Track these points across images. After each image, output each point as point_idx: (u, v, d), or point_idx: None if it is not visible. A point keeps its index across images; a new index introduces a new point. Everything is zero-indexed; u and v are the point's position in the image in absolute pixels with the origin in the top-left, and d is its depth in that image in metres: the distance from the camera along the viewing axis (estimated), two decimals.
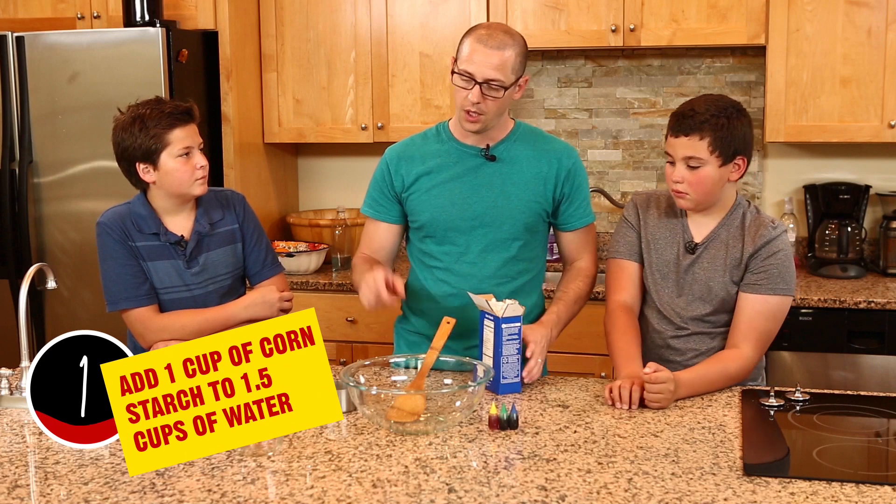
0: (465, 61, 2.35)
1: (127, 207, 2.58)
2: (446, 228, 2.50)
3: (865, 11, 3.58)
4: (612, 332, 2.41)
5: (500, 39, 2.35)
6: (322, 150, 4.44)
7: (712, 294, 2.38)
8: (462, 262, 2.51)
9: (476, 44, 2.34)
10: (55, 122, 3.76)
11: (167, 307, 2.58)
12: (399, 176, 2.52)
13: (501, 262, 2.51)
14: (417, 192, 2.51)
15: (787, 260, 2.36)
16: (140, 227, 2.54)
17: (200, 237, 2.58)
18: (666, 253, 2.44)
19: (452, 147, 2.51)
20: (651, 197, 2.52)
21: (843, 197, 3.82)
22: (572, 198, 2.53)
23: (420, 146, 2.55)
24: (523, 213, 2.49)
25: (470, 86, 2.35)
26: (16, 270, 3.80)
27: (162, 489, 1.78)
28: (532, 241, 2.55)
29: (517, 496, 1.73)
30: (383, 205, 2.56)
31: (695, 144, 2.29)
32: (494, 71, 2.33)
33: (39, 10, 4.04)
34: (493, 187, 2.48)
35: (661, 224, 2.46)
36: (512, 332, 2.28)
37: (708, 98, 2.35)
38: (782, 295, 2.35)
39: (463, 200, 2.48)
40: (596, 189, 4.14)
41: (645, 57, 4.11)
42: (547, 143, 2.54)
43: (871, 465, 1.94)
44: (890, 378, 3.37)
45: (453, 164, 2.50)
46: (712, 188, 2.33)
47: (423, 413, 2.09)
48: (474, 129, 2.42)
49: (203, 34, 3.87)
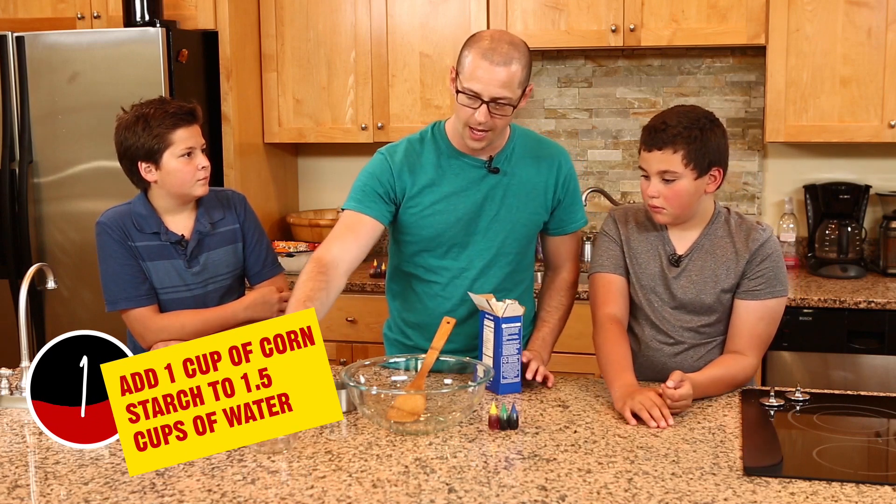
0: (470, 79, 2.23)
1: (127, 207, 2.58)
2: (449, 245, 2.44)
3: (865, 11, 3.58)
4: (604, 344, 2.34)
5: (505, 53, 2.23)
6: (322, 150, 4.44)
7: (704, 305, 2.36)
8: (464, 277, 2.46)
9: (480, 60, 2.22)
10: (55, 122, 3.76)
11: (167, 307, 2.58)
12: (402, 181, 2.40)
13: (503, 277, 2.47)
14: (419, 207, 2.41)
15: (779, 261, 2.34)
16: (140, 226, 2.54)
17: (201, 237, 2.58)
18: (650, 266, 2.40)
19: (453, 157, 2.42)
20: (629, 211, 2.47)
21: (843, 197, 3.82)
22: (566, 202, 2.51)
23: (419, 153, 2.42)
24: (525, 225, 2.46)
25: (476, 105, 2.24)
26: (16, 270, 3.80)
27: (162, 489, 1.78)
28: (528, 250, 2.54)
29: (517, 496, 1.73)
30: (375, 202, 2.38)
31: (668, 158, 2.25)
32: (502, 89, 2.23)
33: (39, 10, 4.05)
34: (496, 200, 2.42)
35: (642, 238, 2.42)
36: (512, 332, 2.27)
37: (680, 110, 2.30)
38: (780, 296, 2.34)
39: (467, 215, 2.41)
40: (596, 189, 4.14)
41: (645, 57, 4.11)
42: (543, 149, 2.49)
43: (871, 465, 1.94)
44: (890, 378, 3.37)
45: (455, 176, 2.41)
46: (689, 201, 2.29)
47: (423, 413, 2.09)
48: (480, 146, 2.34)
49: (203, 34, 3.87)
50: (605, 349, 2.32)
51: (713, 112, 2.34)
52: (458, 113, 2.32)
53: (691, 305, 2.37)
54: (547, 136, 2.59)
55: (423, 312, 2.52)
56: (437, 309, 2.47)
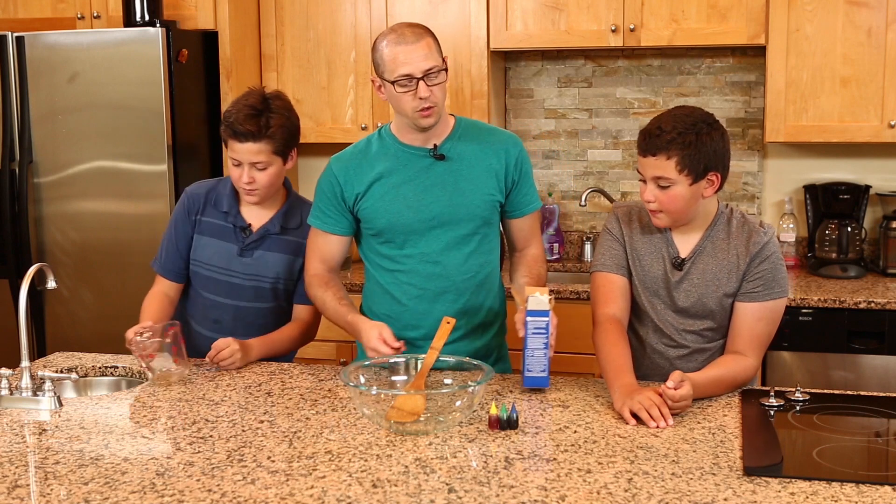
0: (396, 67, 2.34)
1: (216, 182, 2.73)
2: (405, 232, 2.49)
3: (865, 11, 3.58)
4: (603, 344, 2.33)
5: (413, 32, 2.36)
6: (322, 150, 4.43)
7: (707, 309, 2.35)
8: (425, 262, 2.50)
9: (395, 47, 2.34)
10: (55, 122, 3.76)
11: (202, 282, 2.69)
12: (350, 186, 2.49)
13: (463, 259, 2.51)
14: (371, 200, 2.48)
15: (779, 262, 2.33)
16: (217, 202, 2.67)
17: (266, 234, 2.65)
18: (653, 269, 2.39)
19: (399, 150, 2.49)
20: (632, 209, 2.46)
21: (843, 197, 3.82)
22: (521, 184, 2.55)
23: (365, 153, 2.52)
24: (479, 207, 2.50)
25: (413, 86, 2.34)
26: (16, 270, 3.80)
27: (162, 489, 1.78)
28: (490, 233, 2.57)
29: (517, 496, 1.73)
30: (333, 217, 2.53)
31: (662, 164, 2.23)
32: (426, 60, 2.34)
33: (39, 10, 4.05)
34: (446, 186, 2.47)
35: (645, 239, 2.41)
36: (539, 326, 2.26)
37: (676, 114, 2.27)
38: (778, 298, 2.33)
39: (418, 202, 2.47)
40: (596, 189, 4.15)
41: (645, 57, 4.11)
42: (491, 136, 2.55)
43: (871, 465, 1.94)
44: (890, 378, 3.37)
45: (402, 167, 2.48)
46: (685, 206, 2.28)
47: (423, 413, 2.09)
48: (433, 122, 2.41)
49: (203, 34, 3.87)
50: (605, 350, 2.32)
51: (713, 114, 2.32)
52: (400, 107, 2.41)
53: (694, 310, 2.36)
54: (547, 137, 2.61)
55: (392, 302, 2.56)
56: (402, 297, 2.53)
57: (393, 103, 2.42)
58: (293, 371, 2.55)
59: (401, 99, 2.37)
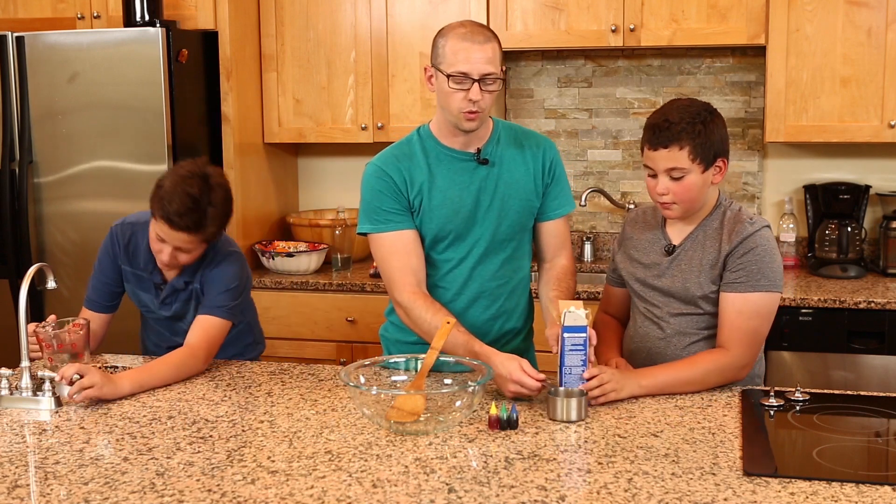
0: (456, 63, 2.30)
1: (138, 227, 2.68)
2: (452, 237, 2.46)
3: (865, 11, 3.58)
4: (595, 325, 2.50)
5: (483, 34, 2.33)
6: (322, 150, 4.44)
7: (691, 296, 2.37)
8: (462, 267, 2.48)
9: (462, 42, 2.31)
10: (55, 122, 3.76)
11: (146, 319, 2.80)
12: (405, 186, 2.42)
13: (499, 264, 2.50)
14: (422, 203, 2.43)
15: (766, 255, 2.31)
16: (134, 255, 2.68)
17: (175, 290, 2.67)
18: (647, 258, 2.46)
19: (442, 153, 2.45)
20: (639, 212, 2.56)
21: (842, 197, 3.82)
22: (553, 186, 2.53)
23: (410, 155, 2.45)
24: (519, 213, 2.49)
25: (467, 85, 2.31)
26: (16, 270, 3.80)
27: (162, 489, 1.78)
28: (525, 238, 2.56)
29: (517, 496, 1.73)
30: (401, 213, 2.42)
31: (675, 155, 2.27)
32: (488, 65, 2.31)
33: (39, 10, 4.05)
34: (488, 191, 2.46)
35: (645, 230, 2.50)
36: (576, 343, 2.17)
37: (679, 105, 2.32)
38: (764, 291, 2.31)
39: (465, 207, 2.44)
40: (596, 189, 4.15)
41: (645, 57, 4.11)
42: (528, 139, 2.54)
43: (871, 465, 1.94)
44: (890, 378, 3.37)
45: (448, 172, 2.45)
46: (698, 195, 2.33)
47: (423, 413, 2.09)
48: (475, 126, 2.38)
49: (203, 34, 3.87)
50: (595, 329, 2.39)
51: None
52: (447, 103, 2.35)
53: (679, 294, 2.39)
54: (547, 136, 2.61)
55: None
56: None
57: (440, 97, 2.38)
58: (293, 371, 2.55)
59: (451, 95, 2.34)
